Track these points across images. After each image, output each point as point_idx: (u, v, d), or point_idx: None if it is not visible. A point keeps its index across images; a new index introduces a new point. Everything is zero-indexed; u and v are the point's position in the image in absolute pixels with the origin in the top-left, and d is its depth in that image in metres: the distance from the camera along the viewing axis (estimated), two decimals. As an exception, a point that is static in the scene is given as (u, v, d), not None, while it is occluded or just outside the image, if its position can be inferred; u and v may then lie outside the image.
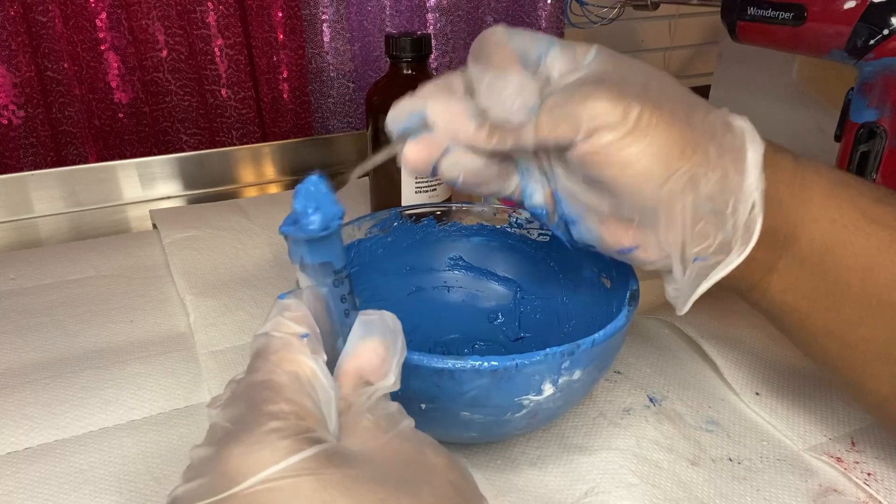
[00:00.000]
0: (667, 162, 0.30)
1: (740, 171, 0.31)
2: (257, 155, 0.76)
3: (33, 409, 0.41)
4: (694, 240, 0.31)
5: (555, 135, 0.30)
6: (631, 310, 0.36)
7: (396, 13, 0.80)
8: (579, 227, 0.34)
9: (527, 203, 0.35)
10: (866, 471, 0.37)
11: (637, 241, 0.33)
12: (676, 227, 0.31)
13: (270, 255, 0.58)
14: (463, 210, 0.48)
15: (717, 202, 0.30)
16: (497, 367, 0.31)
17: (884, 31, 0.48)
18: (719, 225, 0.31)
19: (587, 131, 0.29)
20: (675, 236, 0.31)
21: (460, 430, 0.34)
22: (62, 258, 0.58)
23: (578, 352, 0.32)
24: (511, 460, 0.38)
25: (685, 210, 0.30)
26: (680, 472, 0.37)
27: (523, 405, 0.33)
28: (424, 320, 0.47)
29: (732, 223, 0.31)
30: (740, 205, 0.31)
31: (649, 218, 0.31)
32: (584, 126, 0.29)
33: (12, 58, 0.65)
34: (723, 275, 0.32)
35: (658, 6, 0.73)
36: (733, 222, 0.31)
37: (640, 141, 0.29)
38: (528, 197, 0.35)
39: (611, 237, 0.33)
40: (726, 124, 0.31)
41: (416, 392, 0.32)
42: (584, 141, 0.30)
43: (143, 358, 0.46)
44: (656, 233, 0.32)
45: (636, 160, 0.29)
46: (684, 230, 0.31)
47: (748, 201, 0.31)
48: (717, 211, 0.31)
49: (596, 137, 0.29)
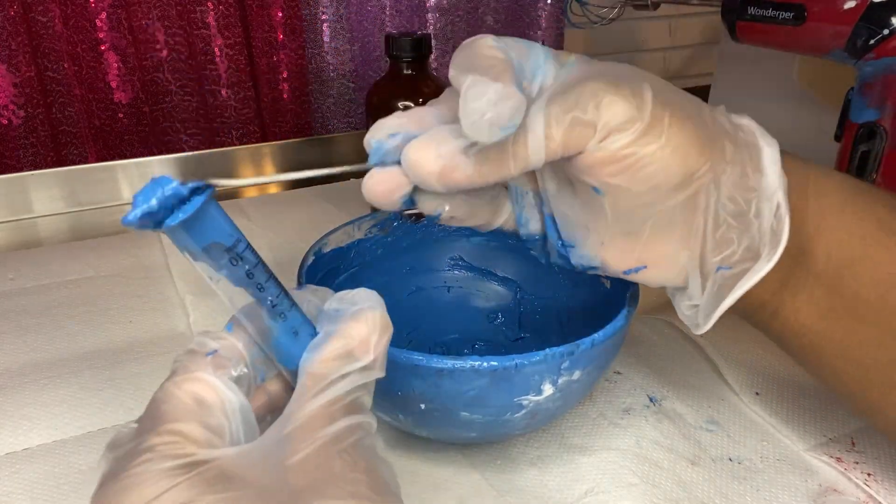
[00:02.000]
0: (685, 161, 0.27)
1: (758, 170, 0.28)
2: (257, 155, 0.76)
3: (32, 410, 0.41)
4: (717, 247, 0.29)
5: (566, 147, 0.26)
6: (631, 310, 0.36)
7: (396, 13, 0.80)
8: (578, 252, 0.32)
9: (522, 233, 0.33)
10: (866, 471, 0.37)
11: (644, 259, 0.30)
12: (698, 233, 0.28)
13: (270, 256, 0.58)
14: None
15: (739, 203, 0.28)
16: (497, 367, 0.31)
17: (884, 30, 0.48)
18: (743, 229, 0.28)
19: (601, 136, 0.26)
20: (695, 244, 0.29)
21: (460, 430, 0.34)
22: (61, 258, 0.58)
23: (578, 352, 0.32)
24: (511, 460, 0.38)
25: (707, 213, 0.28)
26: (680, 472, 0.37)
27: (523, 405, 0.33)
28: (424, 320, 0.47)
29: (758, 226, 0.28)
30: (763, 205, 0.28)
31: (663, 227, 0.29)
32: (599, 130, 0.26)
33: (12, 58, 0.65)
34: (751, 284, 0.29)
35: (658, 6, 0.73)
36: (758, 226, 0.28)
37: (657, 140, 0.26)
38: (523, 226, 0.33)
39: (614, 259, 0.31)
40: (732, 122, 0.29)
41: (415, 392, 0.32)
42: (597, 147, 0.26)
43: (142, 358, 0.46)
44: (670, 244, 0.29)
45: (652, 161, 0.27)
46: (706, 236, 0.29)
47: (772, 201, 0.28)
48: (739, 213, 0.28)
49: (610, 141, 0.26)
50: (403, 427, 0.37)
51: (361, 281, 0.46)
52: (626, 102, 0.26)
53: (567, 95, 0.26)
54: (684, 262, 0.30)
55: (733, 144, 0.28)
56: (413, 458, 0.38)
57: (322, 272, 0.42)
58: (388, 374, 0.32)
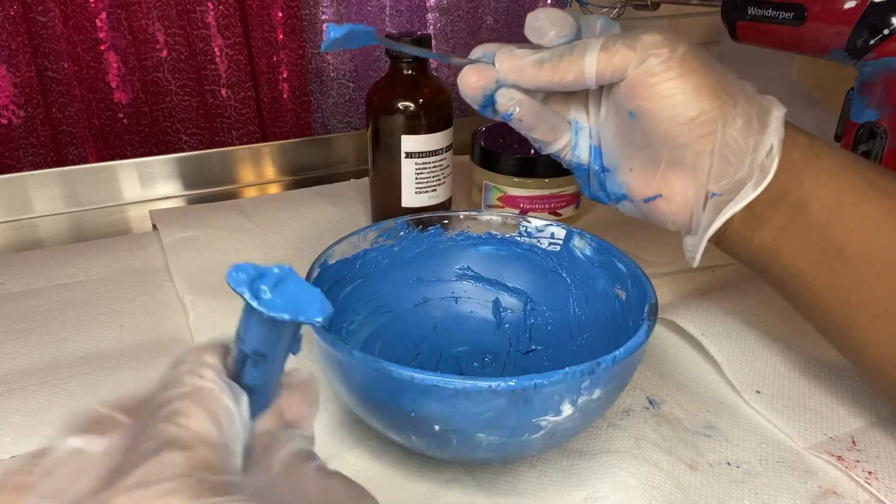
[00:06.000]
0: (700, 100, 0.33)
1: (763, 123, 0.34)
2: (257, 155, 0.76)
3: (19, 417, 0.40)
4: (716, 180, 0.34)
5: (612, 65, 0.34)
6: (651, 324, 0.35)
7: (396, 13, 0.80)
8: (613, 177, 0.38)
9: (574, 153, 0.39)
10: (867, 469, 0.37)
11: (661, 189, 0.36)
12: (703, 173, 0.34)
13: (270, 256, 0.58)
14: (471, 218, 0.47)
15: (739, 144, 0.33)
16: (515, 387, 0.29)
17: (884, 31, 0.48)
18: (739, 165, 0.34)
19: (640, 58, 0.33)
20: (700, 180, 0.35)
21: (475, 451, 0.33)
22: (53, 262, 0.57)
23: (599, 370, 0.31)
24: (509, 464, 0.38)
25: (712, 156, 0.34)
26: (678, 476, 0.37)
27: (541, 426, 0.32)
28: (432, 332, 0.46)
29: (750, 162, 0.34)
30: (760, 146, 0.34)
31: (678, 156, 0.35)
32: (639, 53, 0.33)
33: (12, 58, 0.65)
34: (738, 208, 0.34)
35: (658, 6, 0.73)
36: (750, 161, 0.34)
37: (681, 77, 0.33)
38: (576, 154, 0.39)
39: (638, 185, 0.37)
40: (755, 92, 0.35)
41: (429, 412, 0.31)
42: (636, 69, 0.33)
43: (133, 363, 0.45)
44: (680, 178, 0.35)
45: (674, 93, 0.33)
46: (709, 175, 0.34)
47: (767, 144, 0.34)
48: (739, 151, 0.34)
49: (647, 63, 0.33)
50: (416, 449, 0.35)
51: (367, 292, 0.45)
52: (663, 37, 0.34)
53: (621, 34, 0.35)
54: (692, 197, 0.36)
55: (746, 101, 0.34)
56: (406, 463, 0.38)
57: (327, 285, 0.41)
58: (401, 395, 0.31)
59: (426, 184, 0.58)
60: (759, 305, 0.49)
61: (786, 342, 0.46)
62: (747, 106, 0.34)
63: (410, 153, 0.56)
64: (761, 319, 0.48)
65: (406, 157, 0.56)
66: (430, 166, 0.57)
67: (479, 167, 0.61)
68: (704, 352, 0.46)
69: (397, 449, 0.38)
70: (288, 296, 0.20)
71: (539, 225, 0.46)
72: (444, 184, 0.59)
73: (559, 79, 0.35)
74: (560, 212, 0.61)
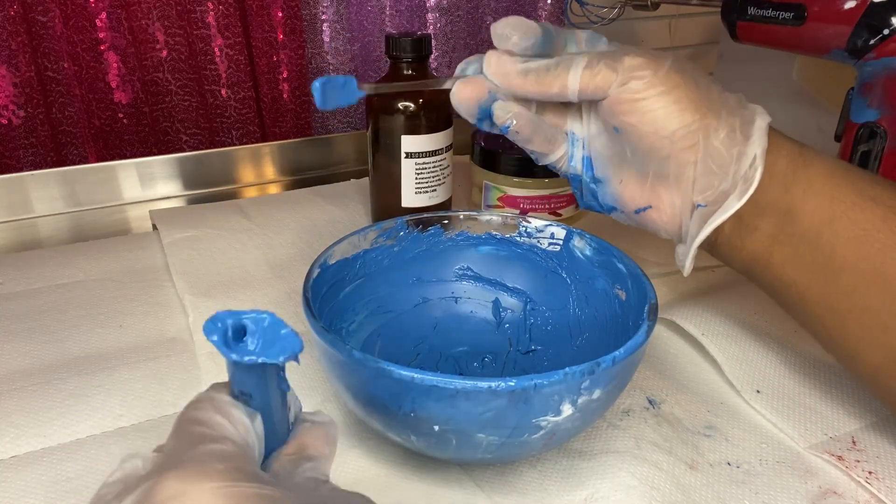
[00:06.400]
0: (681, 114, 0.34)
1: (746, 134, 0.34)
2: (257, 155, 0.76)
3: (19, 417, 0.40)
4: (700, 190, 0.35)
5: (594, 84, 0.35)
6: (651, 324, 0.35)
7: (396, 13, 0.80)
8: (604, 188, 0.39)
9: (570, 171, 0.40)
10: (867, 469, 0.37)
11: (651, 200, 0.37)
12: (688, 182, 0.35)
13: (270, 256, 0.58)
14: (471, 218, 0.47)
15: (723, 154, 0.34)
16: (515, 387, 0.30)
17: (884, 30, 0.48)
18: (723, 175, 0.34)
19: (622, 80, 0.34)
20: (686, 190, 0.35)
21: (475, 451, 0.33)
22: (53, 262, 0.57)
23: (599, 370, 0.31)
24: (509, 464, 0.38)
25: (696, 167, 0.35)
26: (679, 476, 0.37)
27: (541, 426, 0.32)
28: (431, 332, 0.46)
29: (733, 172, 0.34)
30: (743, 157, 0.34)
31: (663, 168, 0.35)
32: (621, 76, 0.34)
33: (12, 58, 0.65)
34: (722, 219, 0.35)
35: (658, 6, 0.73)
36: (734, 171, 0.34)
37: (664, 94, 0.34)
38: (571, 165, 0.40)
39: (628, 196, 0.38)
40: (741, 103, 0.36)
41: (429, 413, 0.31)
42: (618, 89, 0.34)
43: (133, 363, 0.45)
44: (667, 189, 0.36)
45: (655, 108, 0.34)
46: (694, 185, 0.35)
47: (750, 154, 0.34)
48: (722, 162, 0.34)
49: (628, 86, 0.34)
50: (415, 449, 0.35)
51: (367, 292, 0.45)
52: (644, 59, 0.34)
53: (605, 53, 0.36)
54: (679, 207, 0.36)
55: (729, 113, 0.35)
56: (406, 463, 0.38)
57: (327, 285, 0.41)
58: (400, 394, 0.31)
59: (426, 184, 0.57)
60: (759, 305, 0.49)
61: (786, 342, 0.46)
62: (730, 118, 0.34)
63: (410, 153, 0.56)
64: (761, 319, 0.48)
65: (406, 157, 0.56)
66: (430, 166, 0.57)
67: (479, 167, 0.61)
68: (704, 352, 0.46)
69: (397, 449, 0.38)
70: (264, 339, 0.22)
71: (539, 225, 0.46)
72: (444, 184, 0.59)
73: (544, 90, 0.36)
74: (560, 212, 0.61)
